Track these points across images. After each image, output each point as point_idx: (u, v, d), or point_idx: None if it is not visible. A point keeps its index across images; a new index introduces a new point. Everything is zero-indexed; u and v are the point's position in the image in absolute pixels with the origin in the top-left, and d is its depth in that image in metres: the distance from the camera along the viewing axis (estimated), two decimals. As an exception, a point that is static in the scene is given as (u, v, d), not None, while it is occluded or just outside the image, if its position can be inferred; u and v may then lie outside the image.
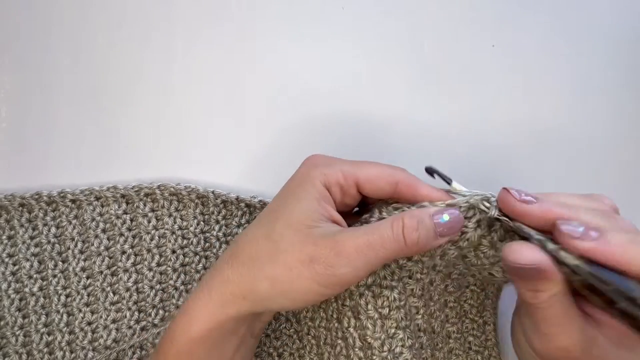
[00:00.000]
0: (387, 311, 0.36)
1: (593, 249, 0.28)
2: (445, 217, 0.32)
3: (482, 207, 0.33)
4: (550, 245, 0.30)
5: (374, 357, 0.36)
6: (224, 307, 0.33)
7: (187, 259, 0.44)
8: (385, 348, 0.36)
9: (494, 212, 0.32)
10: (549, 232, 0.31)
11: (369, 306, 0.36)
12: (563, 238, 0.29)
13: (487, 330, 0.44)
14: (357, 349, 0.37)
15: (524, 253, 0.29)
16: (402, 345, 0.36)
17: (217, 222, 0.44)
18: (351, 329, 0.37)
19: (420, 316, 0.38)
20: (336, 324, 0.39)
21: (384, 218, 0.35)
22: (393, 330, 0.36)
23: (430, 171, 0.35)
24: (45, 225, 0.44)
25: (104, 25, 0.47)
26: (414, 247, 0.32)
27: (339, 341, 0.39)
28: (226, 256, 0.35)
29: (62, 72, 0.47)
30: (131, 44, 0.47)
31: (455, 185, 0.35)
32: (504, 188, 0.32)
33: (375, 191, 0.35)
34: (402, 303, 0.36)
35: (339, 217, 0.35)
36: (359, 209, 0.39)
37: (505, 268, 0.31)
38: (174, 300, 0.43)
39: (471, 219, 0.34)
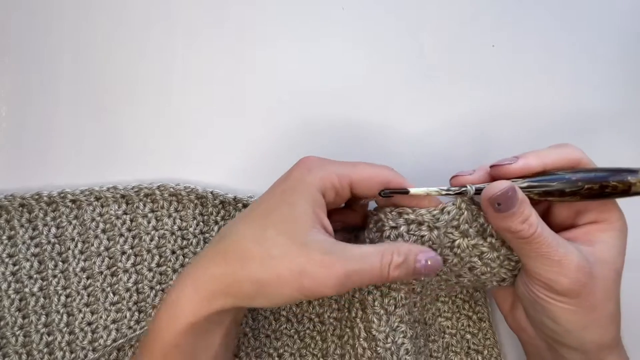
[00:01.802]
0: (393, 308, 0.38)
1: (525, 165, 0.36)
2: (428, 262, 0.35)
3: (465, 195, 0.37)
4: None
5: (378, 349, 0.38)
6: (210, 302, 0.34)
7: (186, 260, 0.44)
8: (389, 340, 0.38)
9: (471, 190, 0.36)
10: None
11: (376, 303, 0.38)
12: (502, 170, 0.36)
13: (484, 328, 0.44)
14: (362, 340, 0.39)
15: (498, 184, 0.35)
16: (404, 337, 0.38)
17: (216, 222, 0.44)
18: (358, 320, 0.39)
19: (416, 309, 0.40)
20: (346, 313, 0.42)
21: (390, 225, 0.37)
22: (397, 325, 0.38)
23: (386, 195, 0.36)
24: (45, 225, 0.44)
25: (104, 25, 0.47)
26: (391, 281, 0.35)
27: (347, 330, 0.42)
28: (211, 252, 0.35)
29: (62, 72, 0.47)
30: (131, 44, 0.47)
31: (413, 191, 0.36)
32: (454, 176, 0.38)
33: (366, 191, 0.37)
34: (407, 301, 0.38)
35: (328, 224, 0.35)
36: (344, 205, 0.40)
37: (492, 213, 0.35)
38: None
39: (457, 228, 0.36)
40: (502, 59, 0.47)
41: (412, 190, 0.36)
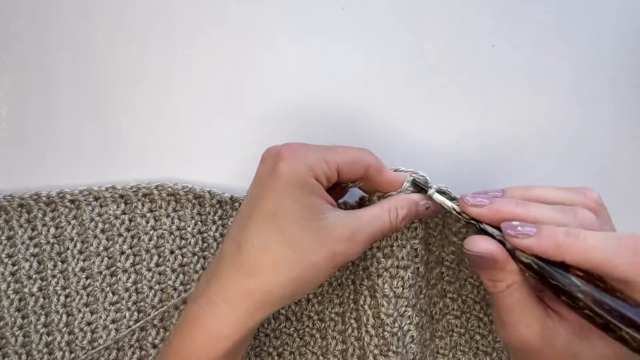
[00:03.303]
0: (401, 290, 0.39)
1: (531, 246, 0.31)
2: (427, 206, 0.38)
3: (423, 186, 0.39)
4: (509, 245, 0.32)
5: (385, 334, 0.39)
6: (252, 317, 0.34)
7: (185, 260, 0.44)
8: (396, 325, 0.39)
9: (432, 191, 0.38)
10: None
11: (386, 285, 0.39)
12: (508, 237, 0.32)
13: (494, 330, 0.44)
14: (369, 327, 0.40)
15: (479, 243, 0.33)
16: (410, 323, 0.39)
17: (214, 222, 0.44)
18: (366, 306, 0.40)
19: (422, 296, 0.41)
20: (352, 305, 0.42)
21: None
22: (404, 309, 0.39)
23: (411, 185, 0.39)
24: (44, 225, 0.44)
25: (104, 25, 0.47)
26: (402, 227, 0.38)
27: (352, 321, 0.42)
28: (233, 266, 0.34)
29: (62, 72, 0.47)
30: (131, 44, 0.47)
31: (435, 197, 0.38)
32: (461, 197, 0.36)
33: (350, 175, 0.37)
34: (413, 282, 0.40)
35: (332, 200, 0.37)
36: None
37: (467, 258, 0.34)
38: (173, 300, 0.43)
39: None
40: (502, 59, 0.47)
41: (435, 196, 0.38)
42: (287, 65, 0.47)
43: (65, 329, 0.44)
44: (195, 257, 0.44)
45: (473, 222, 0.35)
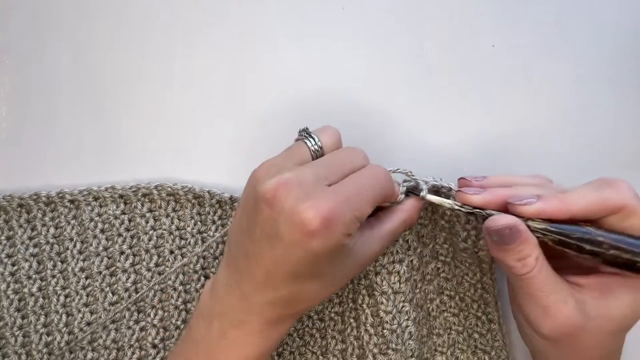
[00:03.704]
0: (398, 285, 0.39)
1: (540, 208, 0.33)
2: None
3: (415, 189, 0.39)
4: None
5: (384, 331, 0.39)
6: (276, 328, 0.34)
7: (185, 259, 0.44)
8: (395, 322, 0.39)
9: (424, 193, 0.38)
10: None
11: (384, 282, 0.40)
12: (517, 209, 0.33)
13: (493, 329, 0.44)
14: (368, 325, 0.40)
15: (500, 219, 0.33)
16: (407, 319, 0.40)
17: (214, 222, 0.44)
18: (364, 305, 0.41)
19: (418, 290, 0.41)
20: (351, 304, 0.42)
21: None
22: (401, 304, 0.40)
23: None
24: (44, 225, 0.44)
25: (104, 25, 0.47)
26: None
27: (352, 320, 0.42)
28: (253, 282, 0.33)
29: (62, 72, 0.47)
30: (131, 44, 0.47)
31: (429, 197, 0.38)
32: (458, 190, 0.36)
33: None
34: (408, 276, 0.40)
35: None
36: None
37: (490, 242, 0.34)
38: (172, 301, 0.43)
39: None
40: (502, 59, 0.47)
41: (429, 197, 0.38)
42: (287, 65, 0.47)
43: (65, 329, 0.43)
44: (195, 257, 0.44)
45: (476, 210, 0.35)
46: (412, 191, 0.38)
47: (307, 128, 0.37)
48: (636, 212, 0.32)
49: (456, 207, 0.36)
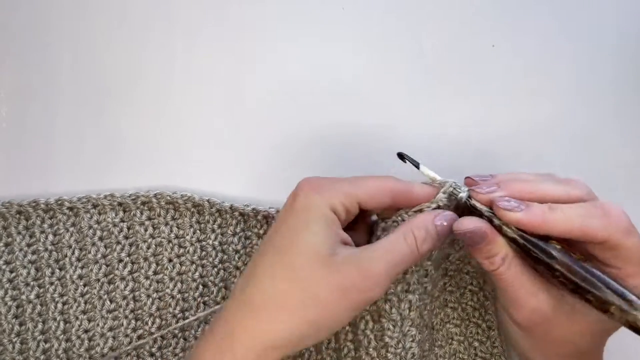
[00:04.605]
0: (407, 312, 0.38)
1: (519, 220, 0.33)
2: (444, 222, 0.35)
3: (456, 193, 0.37)
4: (496, 221, 0.34)
5: (389, 355, 0.38)
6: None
7: (183, 268, 0.44)
8: (400, 346, 0.38)
9: (464, 195, 0.36)
10: None
11: (393, 310, 0.37)
12: (498, 211, 0.34)
13: (492, 336, 0.44)
14: (370, 349, 0.38)
15: (465, 222, 0.34)
16: (412, 341, 0.38)
17: (213, 230, 0.44)
18: (367, 331, 0.39)
19: (426, 312, 0.40)
20: (347, 327, 0.40)
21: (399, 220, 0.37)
22: (408, 329, 0.38)
23: (400, 156, 0.39)
24: (42, 232, 0.44)
25: (104, 25, 0.47)
26: (426, 254, 0.36)
27: (348, 343, 0.40)
28: (240, 310, 0.33)
29: (62, 72, 0.47)
30: (131, 44, 0.47)
31: (423, 169, 0.38)
32: (471, 189, 0.36)
33: (375, 205, 0.36)
34: (420, 303, 0.38)
35: (347, 237, 0.35)
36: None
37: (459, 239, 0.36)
38: (170, 309, 0.43)
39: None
40: (502, 59, 0.47)
41: (422, 167, 0.38)
42: (287, 66, 0.47)
43: (62, 336, 0.43)
44: (194, 266, 0.44)
45: (473, 202, 0.36)
46: (412, 161, 0.38)
47: None
48: (617, 246, 0.32)
49: (456, 193, 0.36)
